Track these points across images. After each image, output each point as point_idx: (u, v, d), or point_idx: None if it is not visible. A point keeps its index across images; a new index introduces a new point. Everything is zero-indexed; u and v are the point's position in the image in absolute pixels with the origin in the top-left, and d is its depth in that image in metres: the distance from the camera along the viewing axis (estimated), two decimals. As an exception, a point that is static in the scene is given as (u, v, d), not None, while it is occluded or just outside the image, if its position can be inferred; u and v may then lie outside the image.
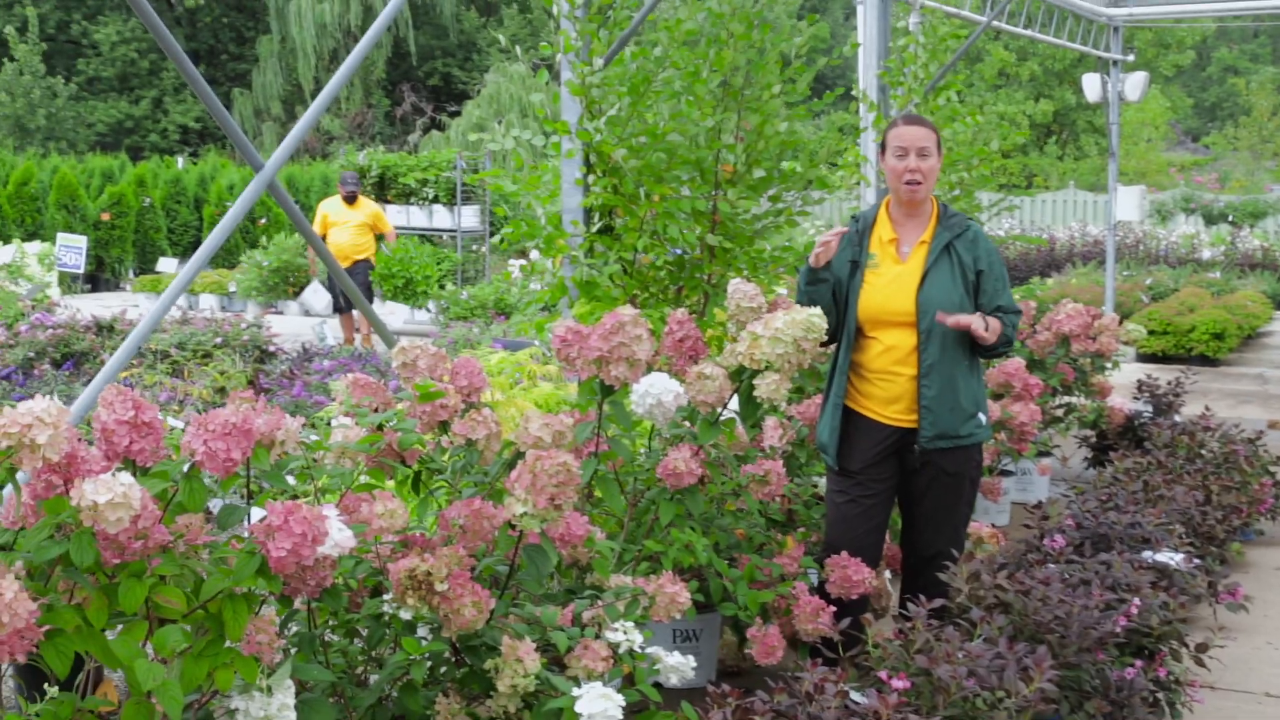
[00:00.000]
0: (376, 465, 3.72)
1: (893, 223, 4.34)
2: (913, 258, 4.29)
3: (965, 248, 4.26)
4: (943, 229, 4.27)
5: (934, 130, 4.26)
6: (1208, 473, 6.00)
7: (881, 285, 4.26)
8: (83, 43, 44.54)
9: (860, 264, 4.30)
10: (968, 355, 4.27)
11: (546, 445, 3.43)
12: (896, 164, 4.22)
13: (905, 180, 4.21)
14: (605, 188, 5.52)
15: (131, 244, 21.33)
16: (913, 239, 4.30)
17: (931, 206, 4.34)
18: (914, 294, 4.22)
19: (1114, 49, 13.89)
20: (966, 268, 4.23)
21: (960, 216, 4.34)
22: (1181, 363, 13.19)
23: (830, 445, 4.32)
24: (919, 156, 4.20)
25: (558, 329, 3.84)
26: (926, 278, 4.22)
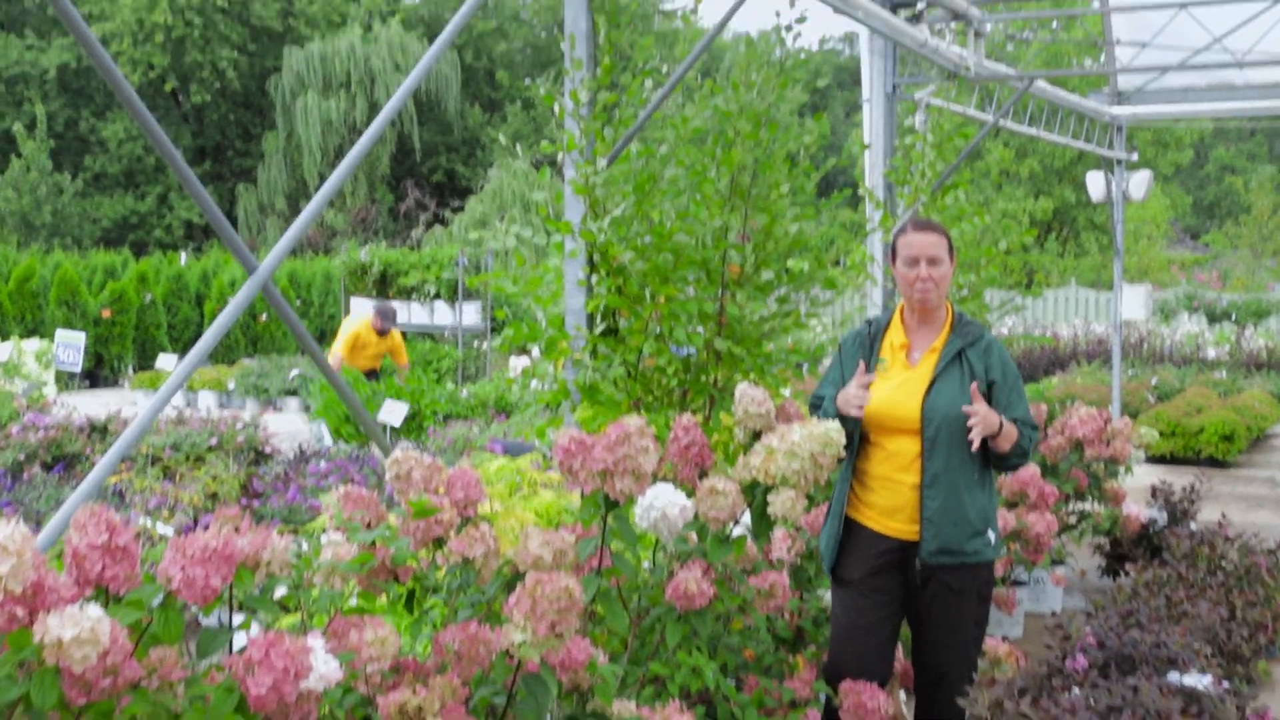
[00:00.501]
0: (368, 586, 3.54)
1: (906, 328, 4.22)
2: (922, 364, 4.15)
3: (977, 356, 4.12)
4: (956, 336, 4.14)
5: (944, 235, 4.14)
6: (1230, 586, 5.81)
7: (888, 390, 4.12)
8: (90, 139, 44.97)
9: (869, 368, 4.16)
10: (978, 468, 4.09)
11: (547, 565, 3.25)
12: (907, 272, 4.11)
13: (916, 289, 4.10)
14: (609, 289, 5.39)
15: (132, 341, 21.22)
16: (924, 345, 4.17)
17: (946, 313, 4.22)
18: (920, 400, 4.07)
19: (1118, 148, 13.88)
20: (978, 377, 4.08)
21: (975, 324, 4.21)
22: (1190, 465, 13.00)
23: (828, 553, 4.16)
24: (930, 264, 4.08)
25: (560, 439, 3.68)
26: (934, 385, 4.07)
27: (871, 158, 8.47)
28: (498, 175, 34.07)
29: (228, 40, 44.76)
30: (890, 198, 8.48)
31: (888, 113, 8.47)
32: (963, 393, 4.05)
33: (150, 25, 42.98)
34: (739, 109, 5.33)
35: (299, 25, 46.58)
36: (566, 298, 5.43)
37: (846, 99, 54.66)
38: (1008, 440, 3.98)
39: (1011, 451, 4.02)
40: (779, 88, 5.51)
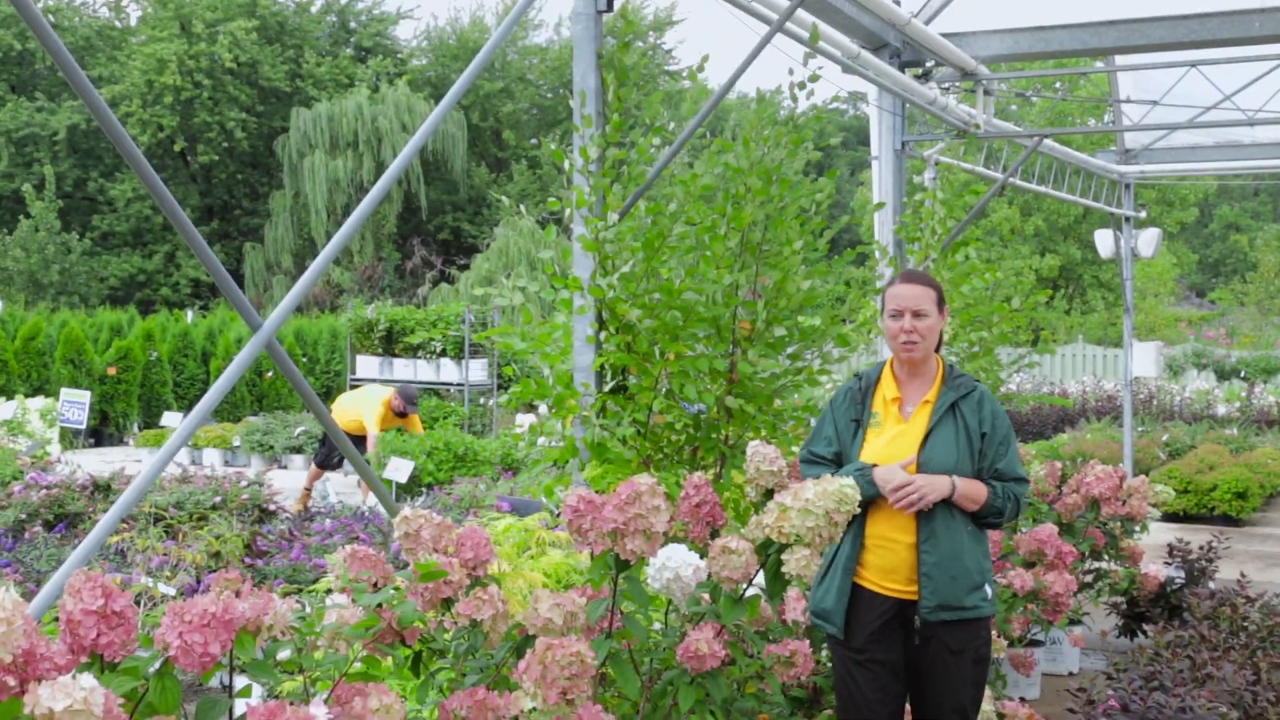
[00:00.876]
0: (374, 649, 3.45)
1: (897, 382, 4.13)
2: (915, 417, 4.07)
3: (971, 409, 4.04)
4: (948, 389, 4.06)
5: (933, 288, 4.08)
6: (1254, 648, 5.68)
7: (882, 445, 4.04)
8: (99, 199, 45.19)
9: (862, 423, 4.08)
10: (971, 521, 4.02)
11: (557, 628, 3.16)
12: (892, 324, 4.05)
13: (901, 341, 4.03)
14: (618, 345, 5.32)
15: (137, 398, 21.17)
16: (916, 398, 4.09)
17: (936, 366, 4.14)
18: (915, 453, 3.99)
19: (1126, 205, 13.87)
20: (971, 430, 4.01)
21: (967, 377, 4.13)
22: (1204, 522, 12.87)
23: (837, 613, 4.02)
24: (914, 317, 4.00)
25: (569, 498, 3.60)
26: (929, 438, 3.99)
27: (881, 214, 8.43)
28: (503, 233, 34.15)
29: (236, 101, 45.07)
30: (900, 254, 8.44)
31: (897, 170, 8.45)
32: (957, 446, 3.98)
33: (160, 87, 43.32)
34: (749, 165, 5.29)
35: (307, 87, 46.91)
36: (575, 354, 5.37)
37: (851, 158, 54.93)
38: (970, 500, 3.93)
39: (983, 511, 3.96)
40: (791, 144, 5.48)
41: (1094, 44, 8.15)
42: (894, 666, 4.01)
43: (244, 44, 44.45)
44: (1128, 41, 8.00)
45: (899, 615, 3.98)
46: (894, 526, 3.96)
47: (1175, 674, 4.98)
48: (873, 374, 4.19)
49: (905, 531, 3.97)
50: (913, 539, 3.95)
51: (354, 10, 51.24)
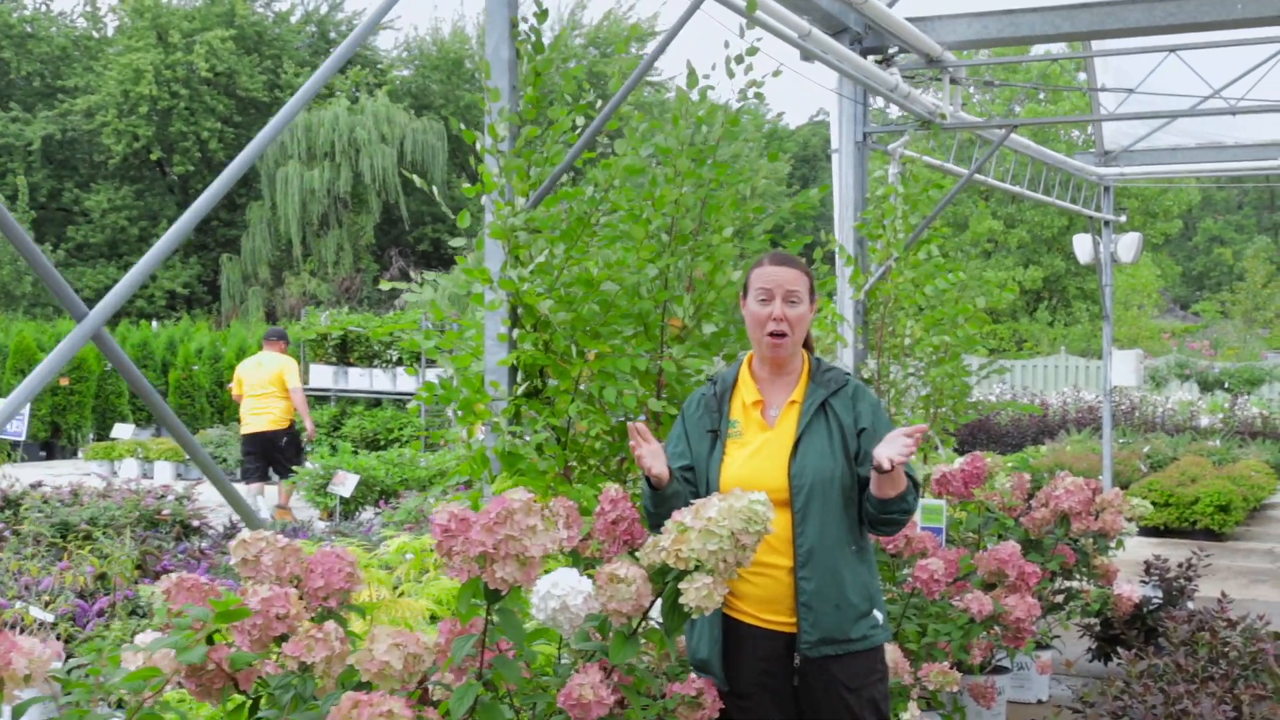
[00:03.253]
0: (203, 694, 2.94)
1: (757, 382, 3.59)
2: (782, 422, 3.52)
3: (844, 406, 3.50)
4: (816, 385, 3.53)
5: (807, 274, 3.53)
6: (1235, 678, 5.17)
7: (746, 458, 3.49)
8: (74, 210, 44.61)
9: (720, 434, 3.53)
10: (854, 537, 3.47)
11: (396, 674, 2.64)
12: (759, 310, 3.49)
13: (768, 330, 3.48)
14: (534, 344, 4.81)
15: (91, 410, 20.56)
16: (781, 400, 3.55)
17: (802, 362, 3.60)
18: (785, 465, 3.44)
19: (1105, 209, 13.41)
20: (846, 429, 3.47)
21: (837, 371, 3.59)
22: (1185, 536, 12.39)
23: (714, 660, 3.45)
24: (786, 303, 3.47)
25: (438, 516, 3.09)
26: (799, 444, 3.45)
27: (841, 210, 7.93)
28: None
29: (213, 112, 44.55)
30: (861, 252, 7.95)
31: (858, 163, 7.95)
32: (831, 451, 3.44)
33: (136, 97, 42.77)
34: (679, 145, 4.79)
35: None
36: (486, 354, 4.85)
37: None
38: (895, 487, 3.34)
39: (899, 498, 3.36)
40: (728, 123, 4.98)
41: (1066, 28, 7.67)
42: (786, 709, 3.47)
43: (221, 54, 44.00)
44: (1102, 25, 7.52)
45: (786, 651, 3.45)
46: (770, 550, 3.39)
47: (1147, 709, 4.47)
48: (729, 376, 3.63)
49: (784, 555, 3.42)
50: (790, 563, 3.41)
51: (333, 20, 50.81)
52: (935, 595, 4.83)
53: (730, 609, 3.46)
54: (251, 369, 12.08)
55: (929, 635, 5.05)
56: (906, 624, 4.98)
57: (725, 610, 3.46)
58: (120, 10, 46.35)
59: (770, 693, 3.44)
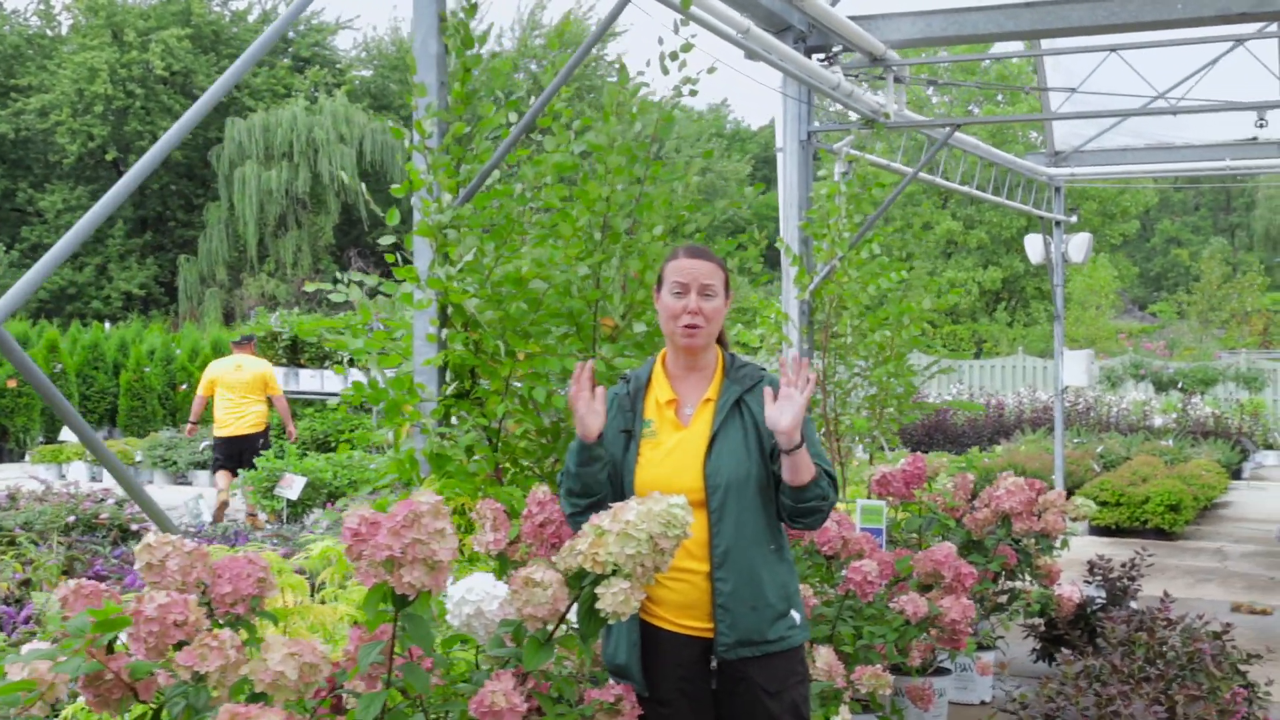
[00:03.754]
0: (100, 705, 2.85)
1: (670, 380, 3.51)
2: (696, 420, 3.44)
3: (758, 403, 3.41)
4: (731, 382, 3.45)
5: (722, 267, 3.46)
6: (1171, 678, 5.15)
7: (660, 458, 3.40)
8: (28, 210, 44.11)
9: (634, 434, 3.45)
10: (773, 536, 3.40)
11: (290, 685, 2.56)
12: (673, 303, 3.41)
13: (683, 323, 3.41)
14: (465, 344, 4.73)
15: (39, 412, 20.28)
16: (695, 398, 3.47)
17: (716, 358, 3.52)
18: (700, 465, 3.37)
19: (1056, 209, 13.45)
20: (761, 427, 3.38)
21: (752, 367, 3.51)
22: (1136, 536, 12.43)
23: (633, 666, 3.37)
24: (701, 295, 3.39)
25: (349, 519, 3.02)
26: (714, 444, 3.38)
27: (785, 209, 7.89)
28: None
29: (169, 111, 44.14)
30: (806, 251, 7.91)
31: (802, 162, 7.91)
32: (747, 449, 3.37)
33: (91, 96, 42.36)
34: (609, 142, 4.72)
35: (243, 97, 46.02)
36: (415, 354, 4.77)
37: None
38: (807, 467, 3.28)
39: (811, 484, 3.29)
40: (663, 120, 4.92)
41: (1010, 27, 7.66)
42: (706, 716, 3.40)
43: (177, 53, 43.61)
44: (1045, 24, 7.51)
45: (705, 656, 3.38)
46: (685, 554, 3.31)
47: (1080, 711, 4.44)
48: (642, 374, 3.55)
49: (698, 559, 3.35)
50: (707, 566, 3.34)
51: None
52: (869, 597, 4.79)
53: (647, 614, 3.39)
54: (229, 371, 11.96)
55: (864, 637, 5.01)
56: (842, 626, 4.93)
57: (643, 616, 3.39)
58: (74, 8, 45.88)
59: (690, 699, 3.37)
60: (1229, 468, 17.30)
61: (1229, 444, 18.26)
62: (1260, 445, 20.70)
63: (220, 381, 11.95)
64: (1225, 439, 18.67)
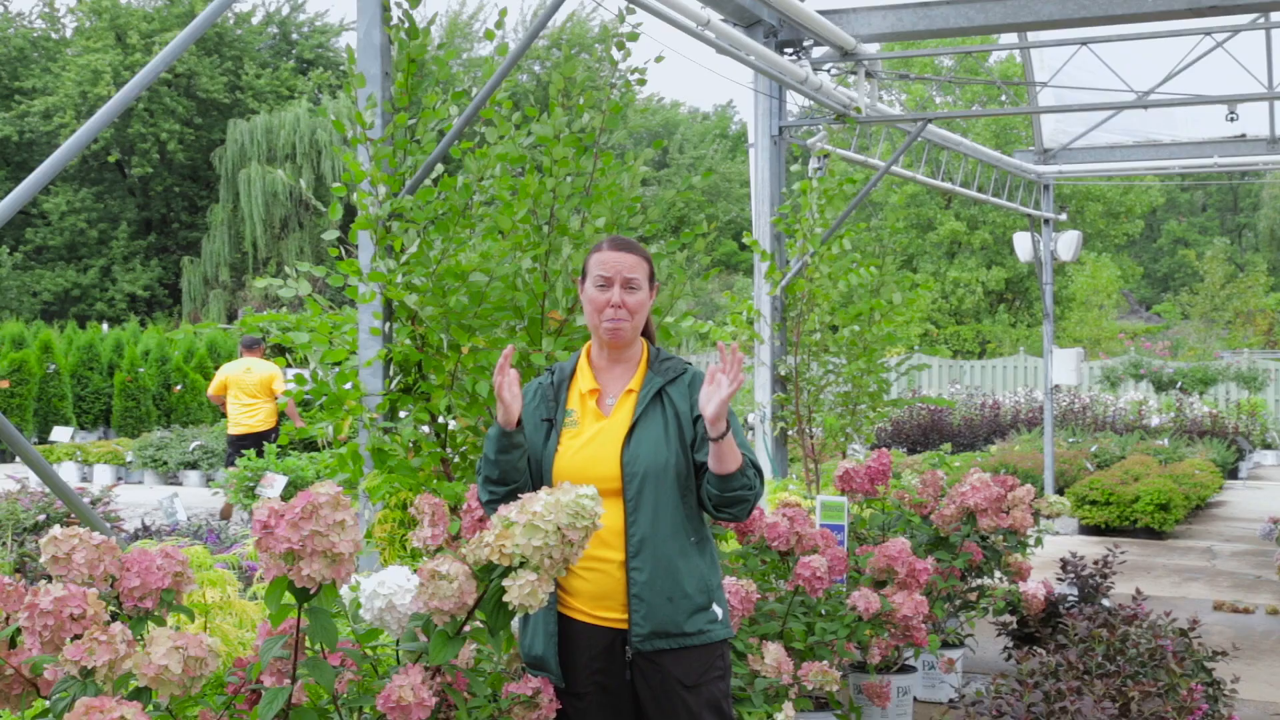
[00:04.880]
0: None
1: (594, 370, 3.49)
2: (618, 410, 3.41)
3: (680, 394, 3.39)
4: (654, 374, 3.43)
5: (646, 259, 3.45)
6: (1129, 675, 5.09)
7: (579, 448, 3.37)
8: (31, 212, 44.18)
9: (556, 423, 3.43)
10: (693, 528, 3.36)
11: (174, 679, 2.52)
12: (597, 295, 3.39)
13: (606, 317, 3.38)
14: (411, 338, 4.69)
15: (33, 413, 20.27)
16: (618, 389, 3.45)
17: (641, 350, 3.50)
18: (618, 454, 3.33)
19: (1045, 207, 13.37)
20: (683, 417, 3.37)
21: (676, 360, 3.48)
22: (1125, 535, 12.37)
23: (549, 658, 3.34)
24: (625, 289, 3.37)
25: (259, 511, 2.97)
26: (633, 433, 3.35)
27: (758, 205, 7.84)
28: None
29: (173, 113, 44.21)
30: (778, 247, 7.86)
31: (774, 157, 7.86)
32: (666, 439, 3.34)
33: (94, 98, 42.41)
34: (554, 133, 4.68)
35: (246, 99, 46.07)
36: (360, 348, 4.73)
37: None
38: (733, 456, 3.23)
39: (737, 473, 3.25)
40: (610, 111, 4.87)
41: (980, 21, 7.59)
42: (624, 709, 3.36)
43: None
44: (1016, 18, 7.45)
45: (621, 648, 3.34)
46: (600, 543, 3.28)
47: (1027, 708, 4.38)
48: (567, 365, 3.54)
49: (614, 548, 3.31)
50: (623, 556, 3.30)
51: (295, 22, 50.49)
52: (818, 593, 4.73)
53: (563, 606, 3.35)
54: (239, 373, 12.57)
55: (816, 634, 4.95)
56: (793, 622, 4.87)
57: (559, 608, 3.35)
58: (78, 11, 45.97)
59: (606, 692, 3.33)
60: (1225, 467, 17.21)
61: (1225, 444, 18.15)
62: (1258, 445, 20.60)
63: (231, 383, 12.58)
64: (1222, 439, 18.56)
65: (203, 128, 45.69)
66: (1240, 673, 6.51)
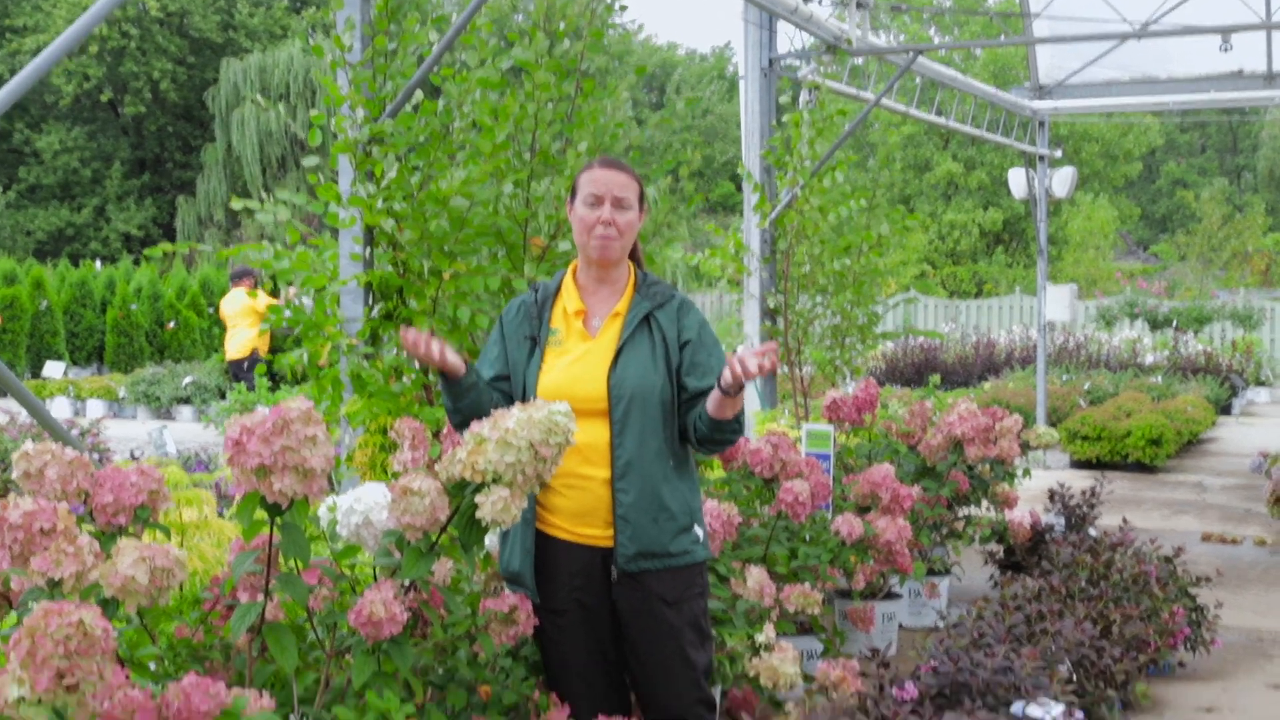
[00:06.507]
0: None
1: (580, 291, 3.48)
2: (604, 332, 3.41)
3: (668, 319, 3.40)
4: (641, 298, 3.43)
5: (636, 179, 3.43)
6: (1110, 599, 5.12)
7: (565, 366, 3.37)
8: (24, 150, 43.95)
9: (539, 341, 3.42)
10: (675, 452, 3.37)
11: (140, 589, 2.52)
12: (587, 214, 3.38)
13: (596, 234, 3.37)
14: (392, 264, 4.67)
15: (25, 349, 20.23)
16: (604, 310, 3.44)
17: (628, 273, 3.50)
18: (605, 375, 3.33)
19: (1040, 143, 13.30)
20: (670, 343, 3.37)
21: (664, 285, 3.49)
22: (1117, 470, 12.41)
23: (526, 574, 3.35)
24: (615, 207, 3.36)
25: (231, 428, 2.96)
26: (620, 355, 3.35)
27: (748, 137, 7.79)
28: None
29: (165, 52, 43.86)
30: (769, 180, 7.82)
31: (764, 89, 7.80)
32: (654, 363, 3.35)
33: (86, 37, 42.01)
34: (536, 58, 4.63)
35: (239, 38, 45.69)
36: (341, 275, 4.71)
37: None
38: (736, 407, 3.25)
39: (729, 425, 3.28)
40: (592, 36, 4.82)
41: (972, -51, 7.51)
42: (602, 626, 3.38)
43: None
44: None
45: (601, 566, 3.35)
46: (583, 461, 3.30)
47: (1006, 630, 4.41)
48: (551, 285, 3.53)
49: (597, 466, 3.32)
50: (607, 474, 3.32)
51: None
52: (800, 518, 4.74)
53: (542, 523, 3.36)
54: (226, 303, 13.48)
55: (799, 558, 4.97)
56: (776, 547, 4.89)
57: (538, 525, 3.36)
58: (69, -52, 45.45)
59: (585, 609, 3.34)
60: (1218, 404, 17.24)
61: (1219, 381, 18.18)
62: (1252, 382, 20.62)
63: (221, 312, 13.59)
64: (1216, 376, 18.58)
65: (195, 67, 45.35)
66: (1225, 600, 6.54)
